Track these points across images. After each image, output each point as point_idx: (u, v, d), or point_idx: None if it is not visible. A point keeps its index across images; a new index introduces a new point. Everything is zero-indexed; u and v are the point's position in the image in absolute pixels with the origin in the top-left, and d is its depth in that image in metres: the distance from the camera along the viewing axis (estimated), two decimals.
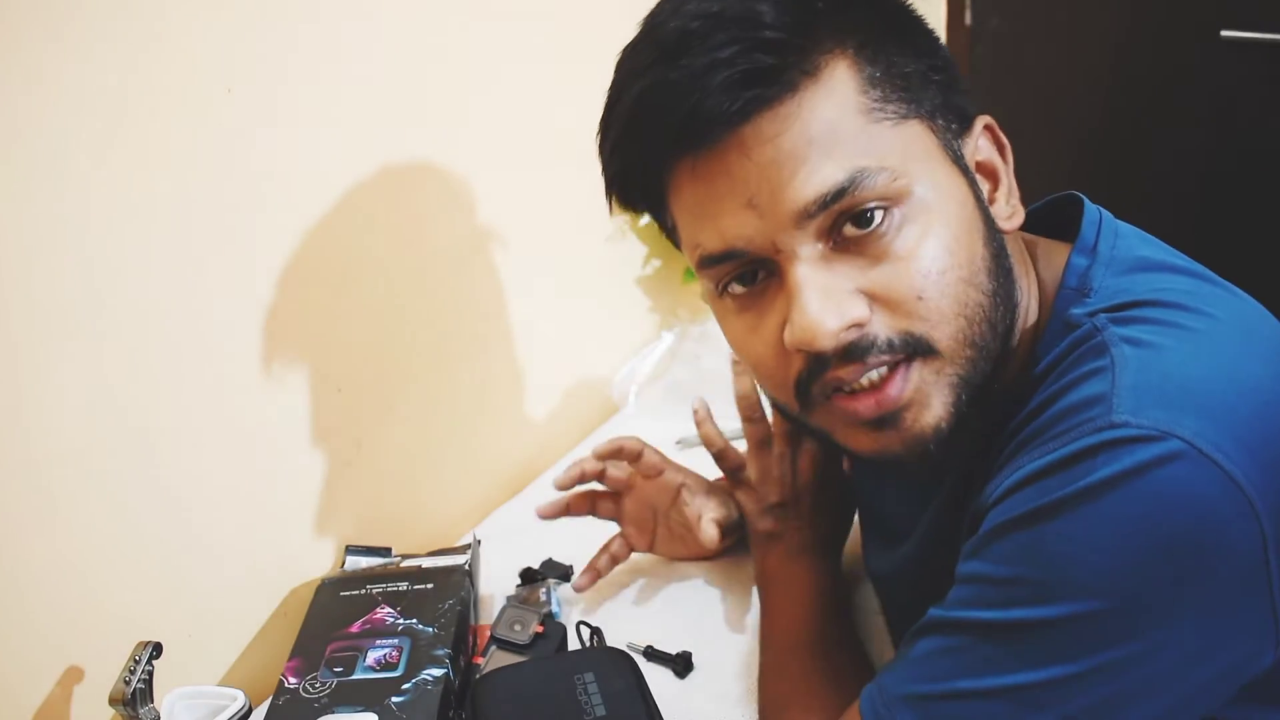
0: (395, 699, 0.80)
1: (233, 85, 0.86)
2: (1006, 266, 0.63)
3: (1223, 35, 1.51)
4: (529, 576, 1.02)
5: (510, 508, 1.18)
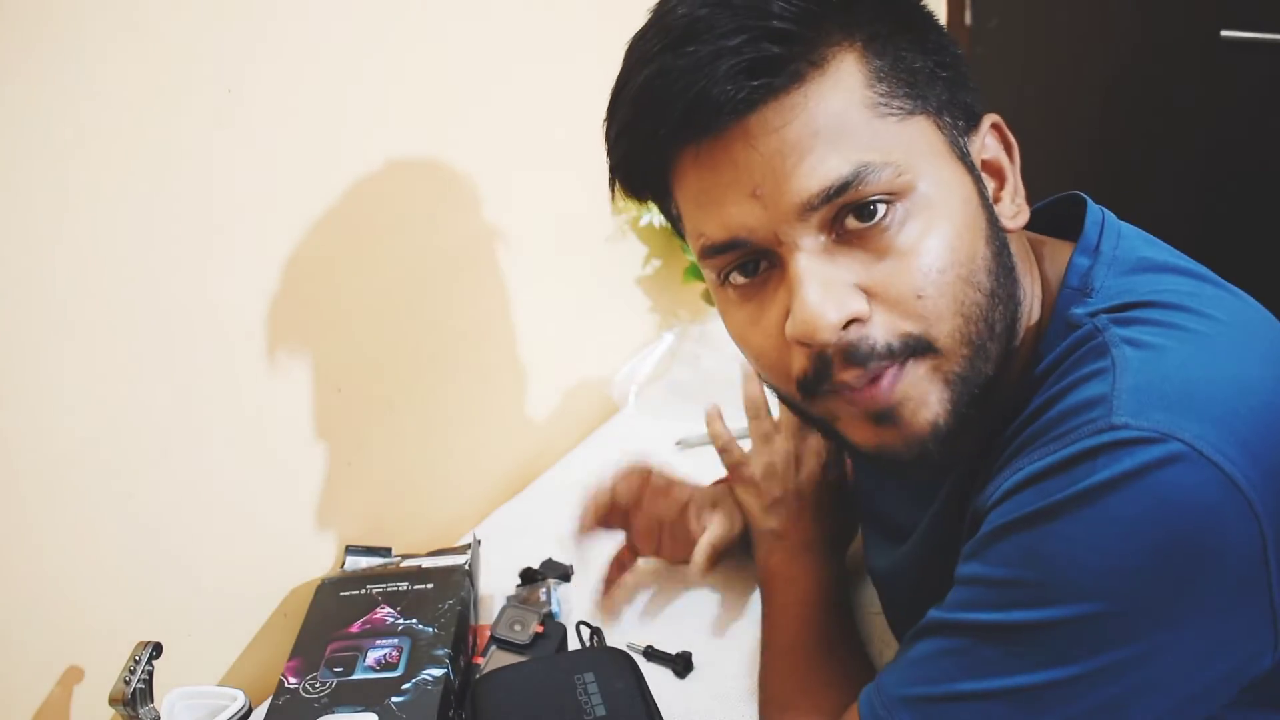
0: (395, 699, 0.80)
1: (233, 85, 0.86)
2: (1008, 266, 0.63)
3: (1223, 35, 1.51)
4: (529, 576, 1.02)
5: (510, 508, 1.18)
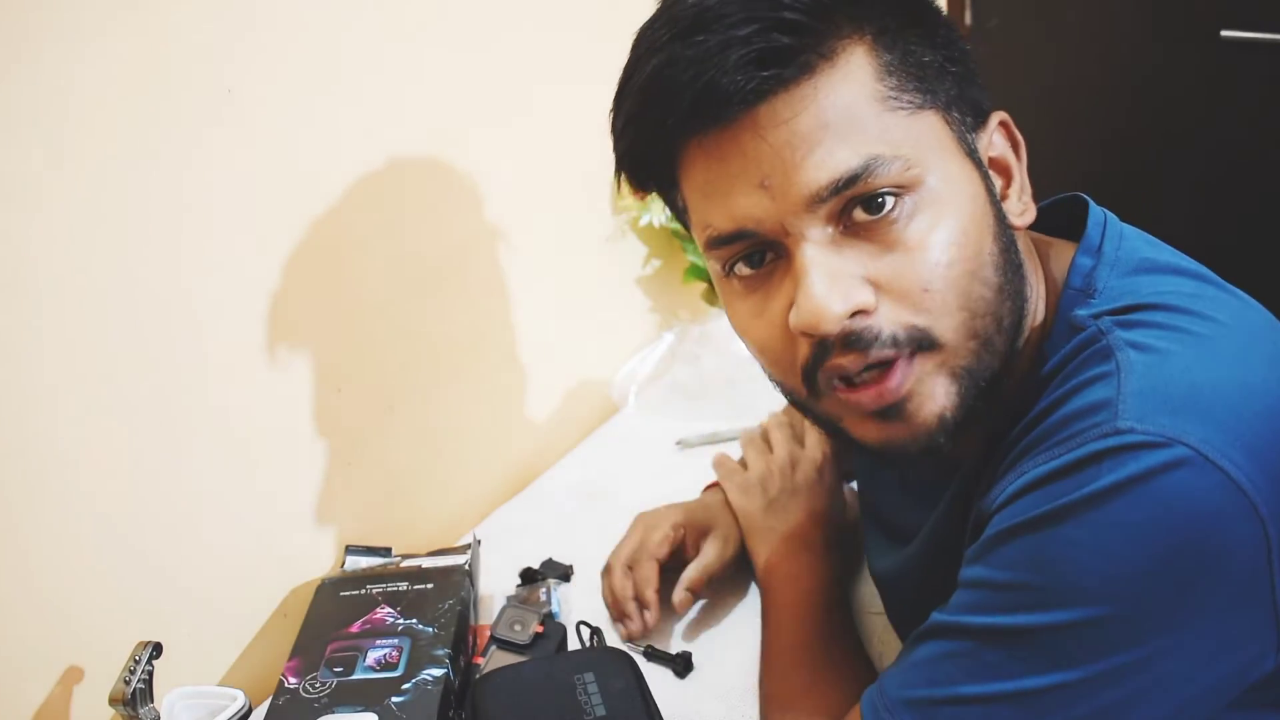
0: (395, 699, 0.80)
1: (233, 85, 0.86)
2: (1016, 263, 0.62)
3: (1223, 35, 1.51)
4: (529, 576, 1.02)
5: (510, 508, 1.18)
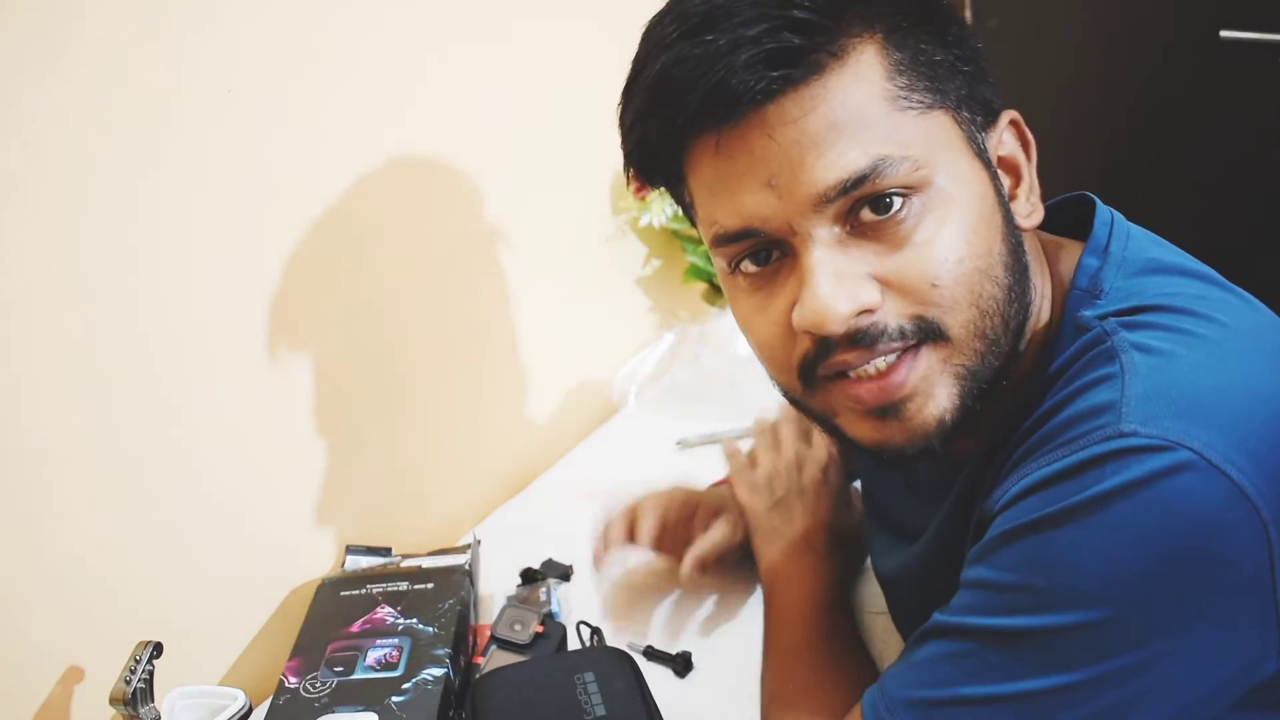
0: (395, 699, 0.80)
1: (233, 85, 0.86)
2: (1023, 263, 0.62)
3: (1222, 35, 1.51)
4: (529, 576, 1.02)
5: (510, 508, 1.18)
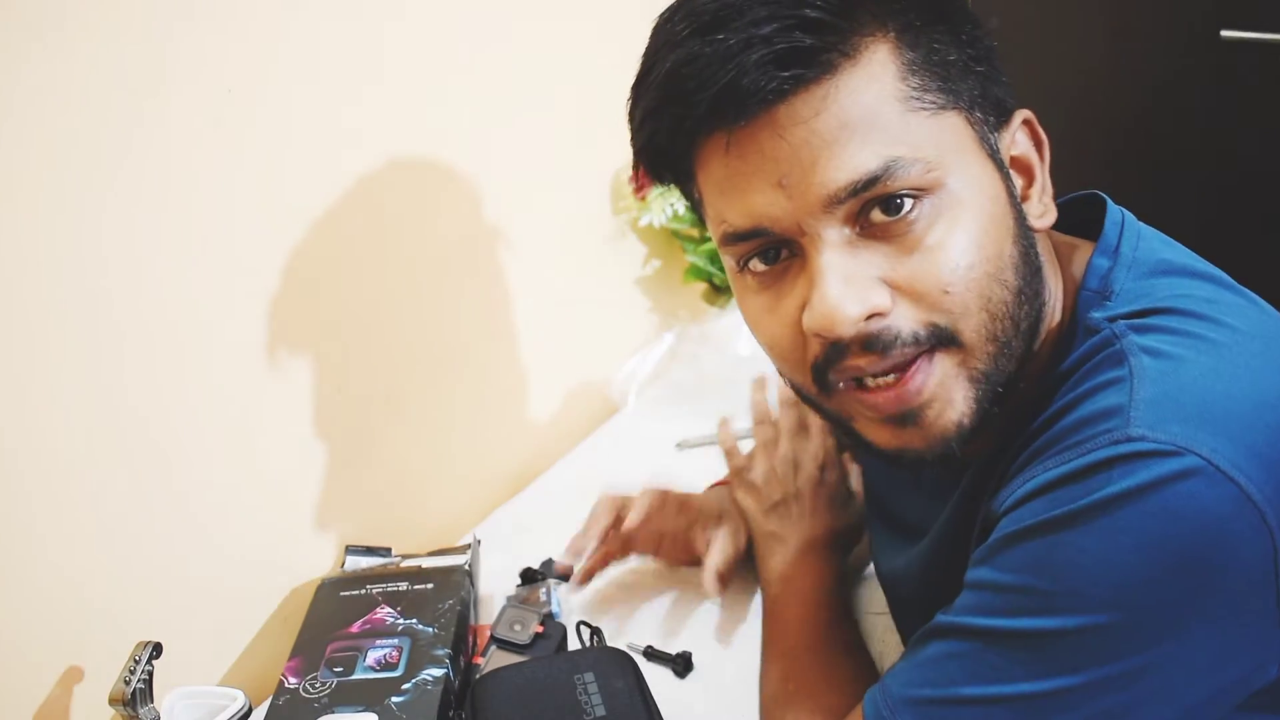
0: (395, 699, 0.80)
1: (233, 85, 0.86)
2: (1035, 265, 0.62)
3: (1223, 35, 1.51)
4: (529, 576, 1.02)
5: (510, 508, 1.18)
